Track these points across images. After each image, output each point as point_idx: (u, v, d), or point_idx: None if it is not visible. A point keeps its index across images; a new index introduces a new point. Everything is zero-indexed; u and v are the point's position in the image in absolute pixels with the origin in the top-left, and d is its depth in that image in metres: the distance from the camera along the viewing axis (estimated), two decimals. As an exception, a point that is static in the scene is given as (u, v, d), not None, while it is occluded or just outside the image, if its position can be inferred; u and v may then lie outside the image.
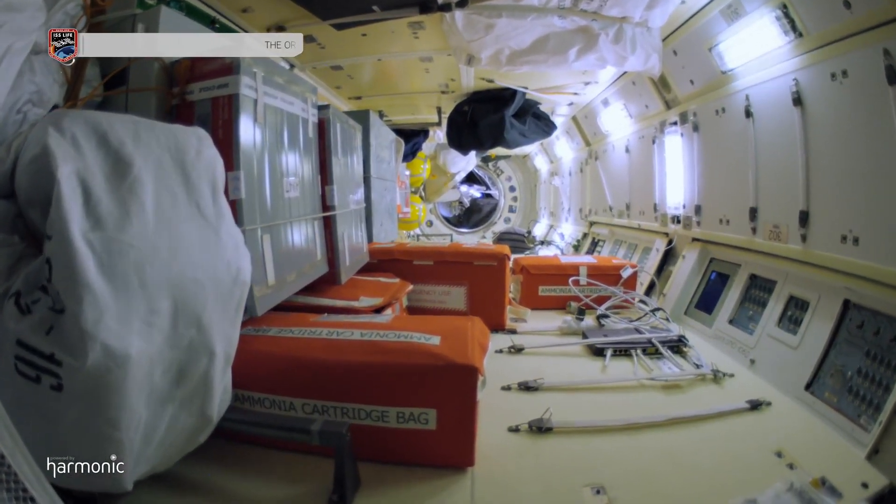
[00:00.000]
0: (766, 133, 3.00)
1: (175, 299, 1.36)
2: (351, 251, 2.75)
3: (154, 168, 1.42)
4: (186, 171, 1.50)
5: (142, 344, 1.27)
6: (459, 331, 1.86)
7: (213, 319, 1.47)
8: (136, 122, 1.45)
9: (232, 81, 1.79)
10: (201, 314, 1.43)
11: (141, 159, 1.39)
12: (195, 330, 1.43)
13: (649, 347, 2.90)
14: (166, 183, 1.43)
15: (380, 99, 5.93)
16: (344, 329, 1.87)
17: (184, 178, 1.49)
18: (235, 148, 1.76)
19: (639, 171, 5.00)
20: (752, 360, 2.79)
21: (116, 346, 1.20)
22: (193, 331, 1.42)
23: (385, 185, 4.69)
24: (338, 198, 2.52)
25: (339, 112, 2.68)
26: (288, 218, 2.06)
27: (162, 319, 1.33)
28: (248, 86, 1.82)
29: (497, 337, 3.15)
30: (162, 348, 1.34)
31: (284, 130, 2.08)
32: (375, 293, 2.58)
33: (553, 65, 3.58)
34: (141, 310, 1.29)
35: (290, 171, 2.10)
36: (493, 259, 3.28)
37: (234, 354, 1.66)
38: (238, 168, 1.75)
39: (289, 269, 2.06)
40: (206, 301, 1.44)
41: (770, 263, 3.02)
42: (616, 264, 3.98)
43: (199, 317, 1.43)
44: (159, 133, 1.49)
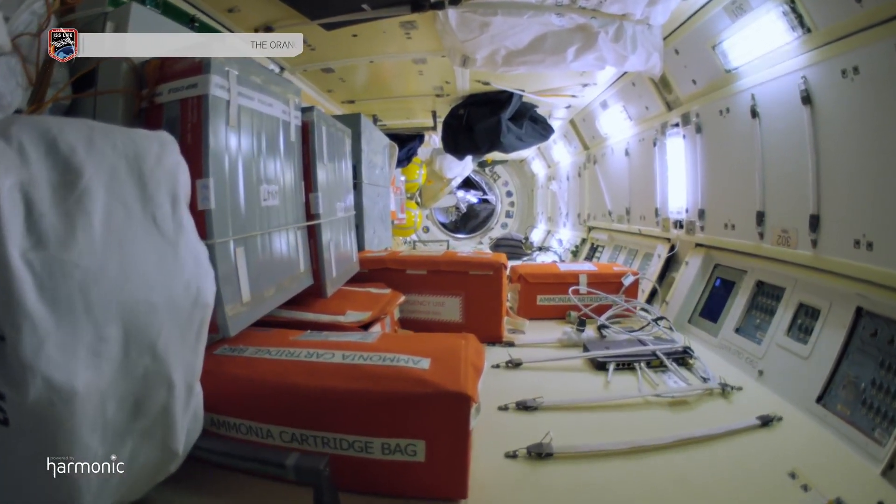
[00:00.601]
0: (774, 133, 2.88)
1: (126, 325, 1.21)
2: (338, 261, 2.61)
3: (107, 177, 1.27)
4: (143, 180, 1.35)
5: (89, 376, 1.13)
6: (451, 352, 1.70)
7: (171, 347, 1.32)
8: (91, 127, 1.31)
9: (201, 81, 1.65)
10: (156, 341, 1.28)
11: (93, 168, 1.24)
12: (150, 358, 1.28)
13: (654, 360, 2.76)
14: (119, 193, 1.28)
15: (373, 103, 5.81)
16: (325, 350, 1.72)
17: (140, 187, 1.34)
18: (205, 153, 1.61)
19: (639, 174, 4.86)
20: (760, 372, 2.66)
21: (60, 379, 1.06)
22: (148, 359, 1.28)
23: (378, 192, 4.55)
24: (323, 205, 2.38)
25: (325, 115, 2.54)
26: (266, 228, 1.91)
27: (111, 348, 1.19)
28: (220, 86, 1.68)
29: (494, 350, 3.02)
30: (113, 379, 1.20)
31: (262, 134, 1.93)
32: (364, 306, 2.44)
33: (551, 65, 3.46)
34: (87, 338, 1.14)
35: (269, 178, 1.95)
36: (489, 268, 3.13)
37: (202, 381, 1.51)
38: (207, 175, 1.60)
39: (267, 283, 1.91)
40: (160, 326, 1.29)
41: (778, 269, 2.89)
42: (617, 272, 3.84)
43: (153, 344, 1.28)
44: (116, 138, 1.34)
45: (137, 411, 1.28)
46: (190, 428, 1.46)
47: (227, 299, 1.67)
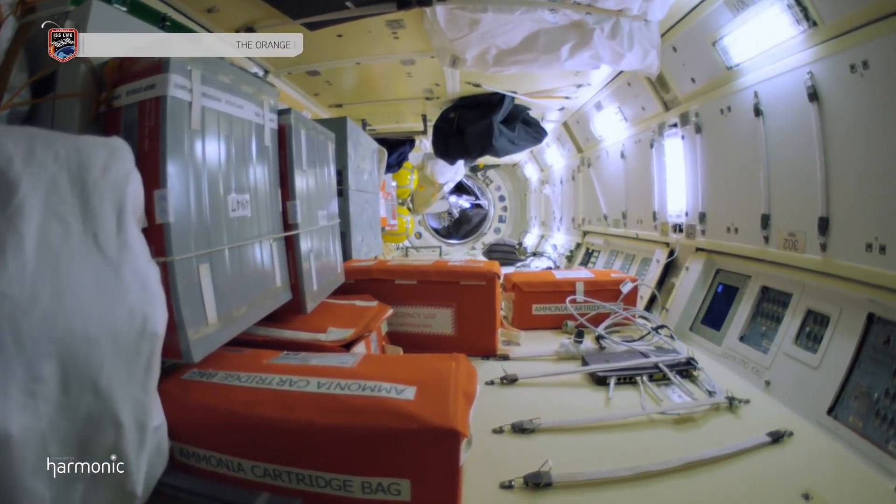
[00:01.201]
0: (779, 132, 2.75)
1: (63, 361, 1.07)
2: (321, 273, 2.44)
3: (45, 191, 1.11)
4: (86, 194, 1.19)
5: (25, 418, 1.01)
6: (439, 378, 1.54)
7: (115, 383, 1.17)
8: (33, 136, 1.15)
9: (159, 81, 1.49)
10: (97, 377, 1.13)
11: (30, 181, 1.08)
12: (92, 397, 1.13)
13: (656, 373, 2.61)
14: (58, 210, 1.12)
15: (362, 106, 5.66)
16: (298, 377, 1.55)
17: (82, 202, 1.18)
18: (162, 161, 1.44)
19: (635, 177, 4.71)
20: (767, 382, 2.53)
21: (-10, 425, 0.93)
22: (90, 398, 1.13)
23: (366, 198, 4.39)
24: (302, 214, 2.20)
25: (304, 118, 2.38)
26: (235, 241, 1.73)
27: (48, 387, 1.05)
28: (180, 86, 1.52)
29: (488, 364, 2.87)
30: (54, 420, 1.07)
31: (231, 138, 1.76)
32: (348, 322, 2.27)
33: (544, 64, 3.31)
34: (19, 377, 1.00)
35: (239, 186, 1.78)
36: (482, 278, 2.97)
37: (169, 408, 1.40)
38: (165, 185, 1.44)
39: (237, 301, 1.74)
40: (102, 361, 1.14)
41: (784, 275, 2.76)
42: (615, 278, 3.67)
43: (94, 381, 1.13)
44: (60, 147, 1.18)
45: (84, 453, 1.15)
46: (153, 462, 1.33)
47: (190, 322, 1.50)
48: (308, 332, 2.16)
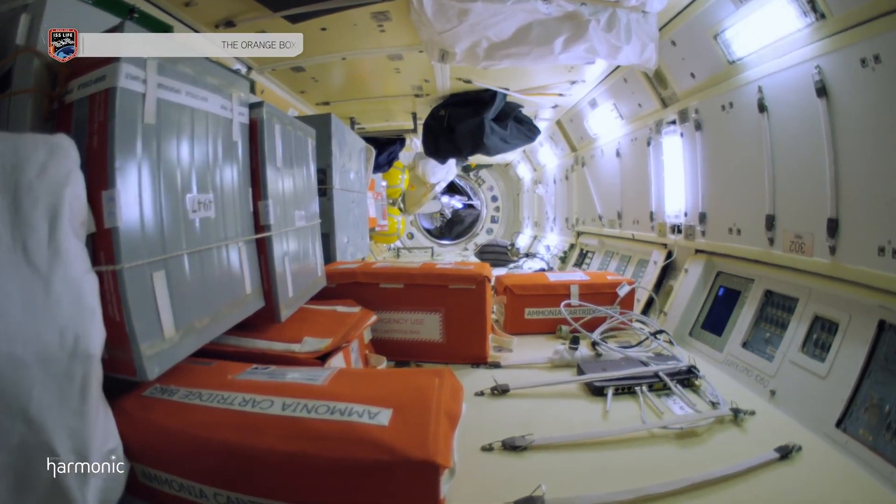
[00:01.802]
0: (785, 129, 2.62)
1: (-11, 386, 0.92)
2: (297, 278, 2.27)
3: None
4: (18, 198, 1.04)
5: None
6: (420, 398, 1.37)
7: (47, 410, 1.03)
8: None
9: (109, 72, 1.33)
10: (27, 405, 0.99)
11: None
12: (23, 425, 1.00)
13: (656, 383, 2.46)
14: (-15, 216, 0.98)
15: (350, 104, 5.49)
16: (263, 397, 1.39)
17: (13, 207, 1.03)
18: (111, 158, 1.28)
19: (632, 176, 4.57)
20: (772, 392, 2.39)
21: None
22: (21, 426, 1.00)
23: (352, 198, 4.22)
24: (276, 214, 2.04)
25: (280, 112, 2.21)
26: (196, 245, 1.56)
27: (-26, 415, 0.90)
28: (133, 76, 1.36)
29: (478, 373, 2.71)
30: None
31: (192, 134, 1.59)
32: (326, 330, 2.11)
33: (537, 58, 3.16)
34: None
35: (201, 185, 1.61)
36: (472, 282, 2.80)
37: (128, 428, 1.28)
38: (114, 186, 1.28)
39: (199, 311, 1.57)
40: (31, 386, 1.00)
41: (790, 278, 2.63)
42: (611, 281, 3.52)
43: (24, 408, 0.99)
44: (-4, 146, 1.04)
45: (22, 486, 1.04)
46: (106, 488, 1.21)
47: (143, 336, 1.34)
48: (282, 342, 2.00)
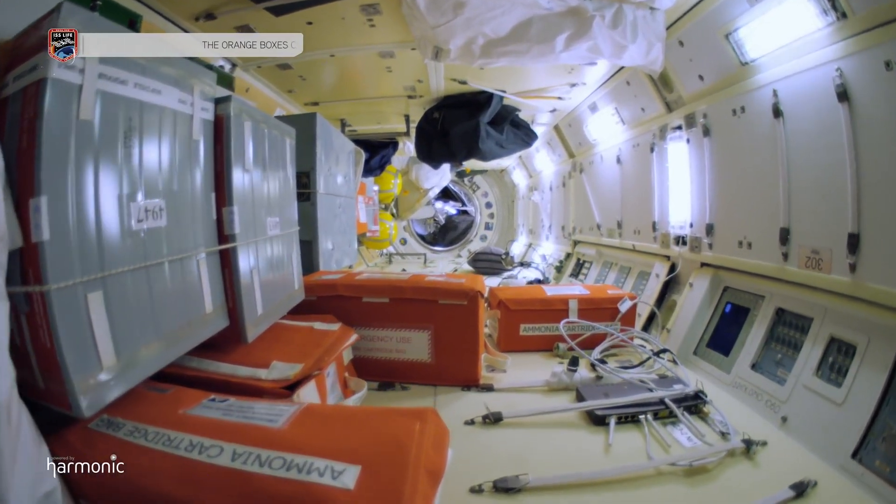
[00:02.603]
0: (802, 135, 2.43)
1: None
2: (269, 292, 2.04)
3: None
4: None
5: None
6: (396, 450, 1.14)
7: None
8: None
9: (42, 61, 1.12)
10: None
11: None
12: None
13: (662, 410, 2.25)
14: None
15: (340, 105, 5.26)
16: (213, 442, 1.16)
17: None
18: (38, 161, 1.07)
19: (633, 184, 4.36)
20: (783, 419, 2.21)
21: None
22: None
23: (338, 203, 3.99)
24: (242, 222, 1.81)
25: (252, 108, 1.98)
26: (142, 260, 1.35)
27: None
28: (67, 66, 1.14)
29: (468, 397, 2.49)
30: None
31: (141, 131, 1.36)
32: (299, 352, 1.88)
33: (536, 56, 2.95)
34: None
35: (149, 190, 1.39)
36: (463, 297, 2.56)
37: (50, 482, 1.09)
38: (40, 193, 1.06)
39: (146, 336, 1.35)
40: None
41: (805, 296, 2.44)
42: (612, 295, 3.31)
43: None
44: None
45: None
46: None
47: (76, 367, 1.12)
48: (247, 366, 1.77)
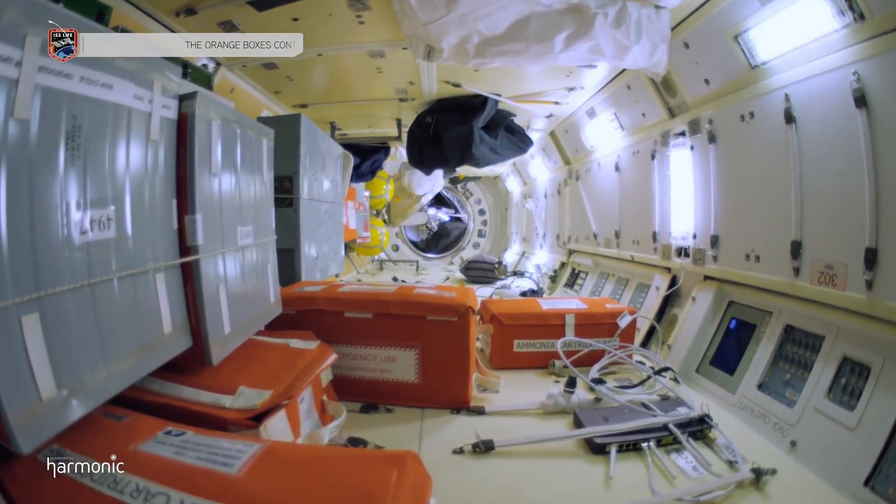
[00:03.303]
0: (816, 143, 2.28)
1: None
2: (239, 308, 1.85)
3: None
4: None
5: None
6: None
7: None
8: None
9: None
10: None
11: None
12: None
13: (665, 437, 2.08)
14: None
15: (330, 108, 5.08)
16: (161, 489, 0.98)
17: None
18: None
19: (632, 192, 4.20)
20: (793, 443, 2.06)
21: None
22: None
23: (324, 209, 3.80)
24: (206, 233, 1.61)
25: (222, 105, 1.79)
26: (86, 277, 1.16)
27: None
28: (3, 58, 0.96)
29: (458, 421, 2.30)
30: None
31: (85, 130, 1.18)
32: (269, 376, 1.69)
33: (534, 56, 2.78)
34: None
35: (97, 198, 1.21)
36: (453, 313, 2.37)
37: None
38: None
39: (93, 363, 1.16)
40: None
41: (815, 313, 2.29)
42: (611, 310, 3.13)
43: None
44: None
45: None
46: None
47: (11, 399, 0.95)
48: (212, 391, 1.58)
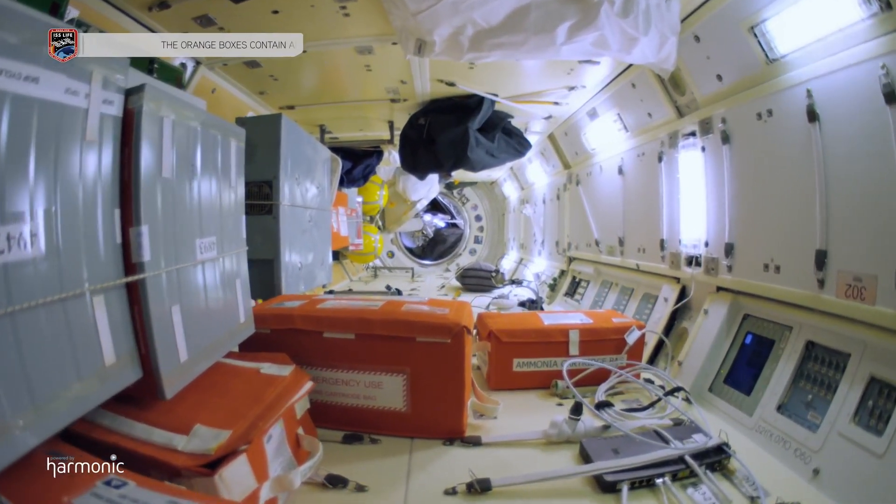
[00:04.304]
0: (842, 142, 2.07)
1: None
2: (198, 332, 1.59)
3: None
4: None
5: None
6: None
7: None
8: None
9: None
10: None
11: None
12: None
13: (682, 471, 1.85)
14: None
15: (318, 110, 4.85)
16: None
17: None
18: None
19: (637, 197, 3.97)
20: (815, 471, 1.85)
21: None
22: None
23: (308, 216, 3.56)
24: (156, 247, 1.37)
25: (179, 100, 1.55)
26: (3, 306, 0.93)
27: None
28: None
29: (451, 454, 2.05)
30: None
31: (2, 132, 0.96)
32: (232, 411, 1.45)
33: (534, 49, 2.56)
34: None
35: (13, 213, 0.98)
36: (446, 333, 2.09)
37: None
38: None
39: (18, 404, 0.94)
40: None
41: (840, 328, 2.08)
42: (618, 325, 2.89)
43: None
44: None
45: None
46: None
47: None
48: (166, 428, 1.35)
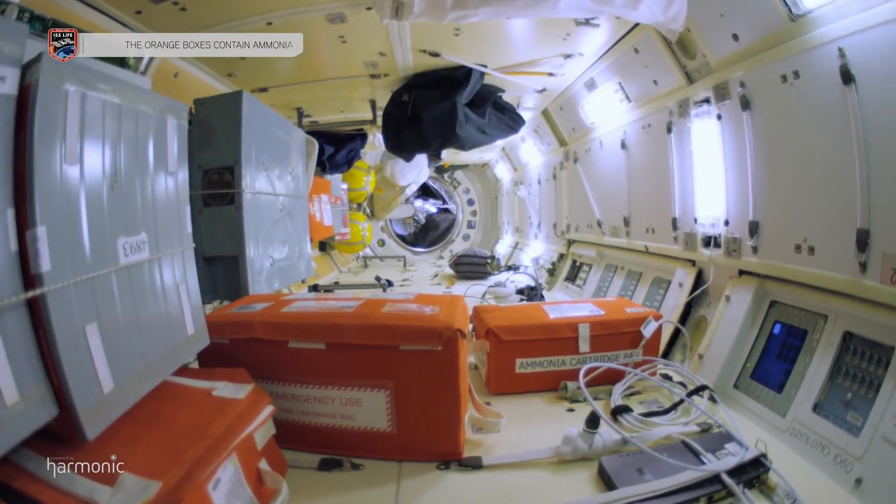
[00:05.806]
0: (884, 107, 1.77)
1: None
2: (126, 353, 1.25)
3: None
4: None
5: None
6: None
7: None
8: None
9: None
10: None
11: None
12: None
13: (718, 492, 1.56)
14: None
15: (294, 90, 4.46)
16: None
17: None
18: None
19: (644, 172, 3.65)
20: (858, 481, 1.62)
21: None
22: None
23: (280, 204, 3.21)
24: (60, 252, 1.04)
25: (94, 70, 1.20)
26: None
27: None
28: None
29: (446, 481, 1.73)
30: None
31: None
32: (170, 452, 1.13)
33: (527, 6, 2.22)
34: None
35: None
36: (436, 339, 1.73)
37: None
38: None
39: None
40: None
41: (884, 319, 1.80)
42: (633, 316, 2.54)
43: None
44: None
45: None
46: None
47: None
48: (90, 476, 1.05)
